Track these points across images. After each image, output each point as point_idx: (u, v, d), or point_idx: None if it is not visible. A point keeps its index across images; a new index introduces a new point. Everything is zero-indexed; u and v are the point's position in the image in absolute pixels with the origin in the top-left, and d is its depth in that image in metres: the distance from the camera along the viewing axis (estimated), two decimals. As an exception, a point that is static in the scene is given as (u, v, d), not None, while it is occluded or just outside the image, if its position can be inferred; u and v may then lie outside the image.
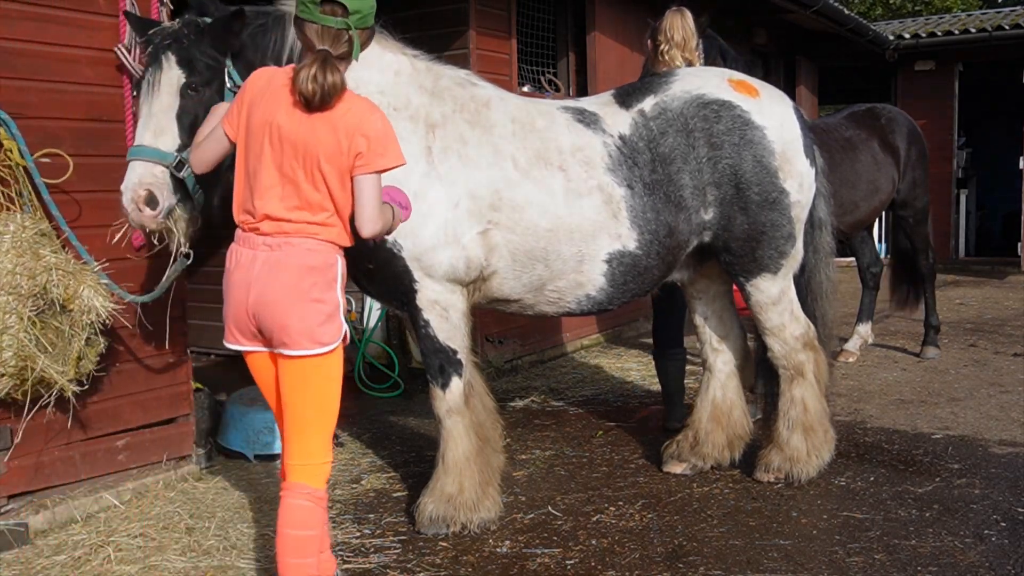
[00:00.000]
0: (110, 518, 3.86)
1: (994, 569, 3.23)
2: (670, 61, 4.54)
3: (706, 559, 3.38)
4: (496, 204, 3.56)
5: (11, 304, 3.38)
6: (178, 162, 3.11)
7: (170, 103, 3.15)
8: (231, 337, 2.80)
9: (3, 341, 3.37)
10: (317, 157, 2.68)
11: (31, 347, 3.42)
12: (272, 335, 2.71)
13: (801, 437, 4.04)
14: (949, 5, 21.55)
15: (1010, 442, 4.69)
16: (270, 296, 2.68)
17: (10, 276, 3.39)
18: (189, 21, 3.30)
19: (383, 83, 3.53)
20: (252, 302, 2.70)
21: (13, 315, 3.38)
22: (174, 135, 3.14)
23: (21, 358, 3.41)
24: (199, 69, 3.17)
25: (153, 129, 3.13)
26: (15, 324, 3.38)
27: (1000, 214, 14.66)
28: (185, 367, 4.40)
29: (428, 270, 3.52)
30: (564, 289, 3.75)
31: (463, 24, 6.51)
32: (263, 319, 2.70)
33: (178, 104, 3.17)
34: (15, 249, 3.43)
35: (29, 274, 3.42)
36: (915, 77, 13.16)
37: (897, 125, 6.64)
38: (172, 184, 3.12)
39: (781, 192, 3.83)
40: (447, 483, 3.64)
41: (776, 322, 4.01)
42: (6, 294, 3.38)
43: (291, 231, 2.71)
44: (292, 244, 2.70)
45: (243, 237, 2.77)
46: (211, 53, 3.21)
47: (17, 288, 3.40)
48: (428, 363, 3.66)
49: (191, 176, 3.12)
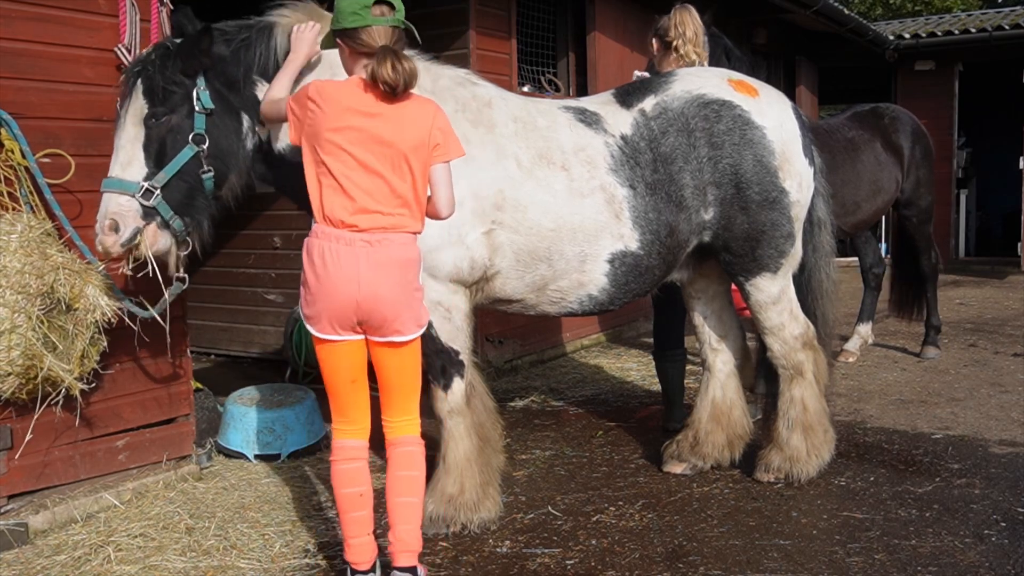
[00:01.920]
0: (110, 518, 3.86)
1: (994, 569, 3.23)
2: (685, 56, 4.53)
3: (706, 559, 3.38)
4: (500, 204, 3.55)
5: (20, 303, 3.41)
6: (144, 191, 3.21)
7: (136, 134, 3.26)
8: (327, 329, 2.97)
9: (12, 340, 3.39)
10: (404, 151, 2.92)
11: (38, 346, 3.45)
12: (383, 326, 2.97)
13: (801, 437, 4.05)
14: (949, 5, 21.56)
15: (1010, 442, 4.69)
16: (384, 293, 2.92)
17: (19, 275, 3.42)
18: (159, 45, 3.38)
19: None
20: (363, 297, 2.90)
21: (22, 314, 3.41)
22: (141, 164, 3.25)
23: (28, 357, 3.44)
24: (161, 98, 3.25)
25: (121, 161, 3.25)
26: (23, 323, 3.41)
27: (1000, 214, 14.67)
28: (185, 367, 4.41)
29: (432, 271, 3.52)
30: (566, 289, 3.75)
31: (463, 24, 6.51)
32: (375, 313, 2.94)
33: (143, 134, 3.27)
34: (23, 248, 3.46)
35: (37, 273, 3.46)
36: (915, 77, 13.16)
37: (901, 124, 6.61)
38: (142, 211, 3.24)
39: (781, 192, 3.83)
40: (448, 483, 3.64)
41: (776, 321, 4.01)
42: (15, 293, 3.40)
43: (387, 225, 2.93)
44: (391, 240, 2.94)
45: (334, 234, 2.90)
46: (176, 78, 3.27)
47: (26, 287, 3.43)
48: (430, 364, 3.65)
49: (162, 203, 3.24)
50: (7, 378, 3.44)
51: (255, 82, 3.44)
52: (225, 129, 3.37)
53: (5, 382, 3.44)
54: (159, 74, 3.25)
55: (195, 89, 3.29)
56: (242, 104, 3.43)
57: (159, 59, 3.28)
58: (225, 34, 3.43)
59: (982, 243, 14.61)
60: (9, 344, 3.39)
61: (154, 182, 3.22)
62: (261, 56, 3.42)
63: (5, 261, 3.41)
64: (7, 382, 3.45)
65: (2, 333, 3.38)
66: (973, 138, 14.14)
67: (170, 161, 3.25)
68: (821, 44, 12.13)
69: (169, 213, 3.27)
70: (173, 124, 3.26)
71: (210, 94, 3.31)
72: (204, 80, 3.32)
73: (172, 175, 3.25)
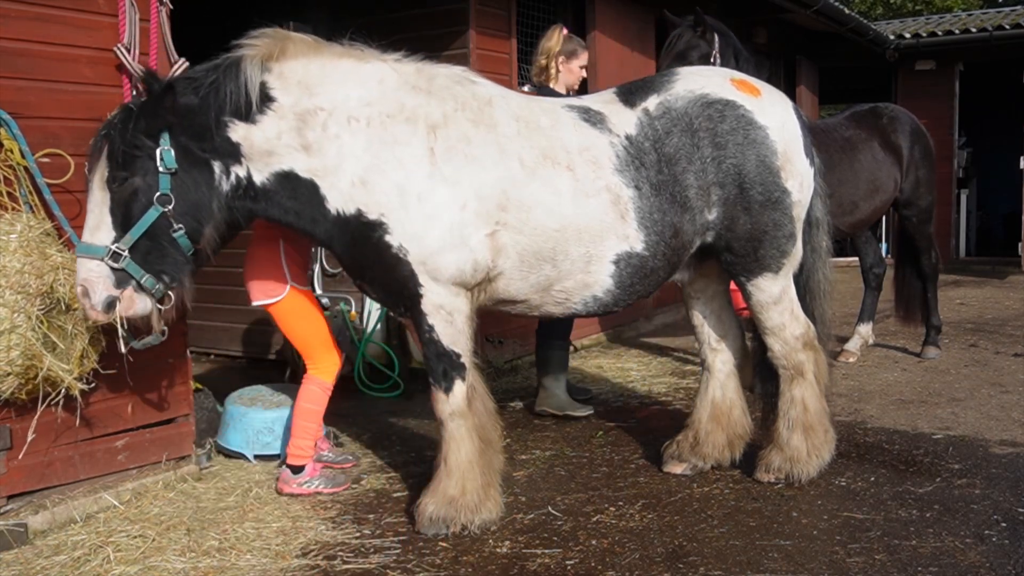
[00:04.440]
0: (110, 518, 3.86)
1: (995, 569, 3.22)
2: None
3: (706, 559, 3.38)
4: (504, 204, 3.54)
5: (20, 303, 3.41)
6: (112, 254, 3.28)
7: (102, 197, 3.34)
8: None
9: (11, 340, 3.39)
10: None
11: (38, 346, 3.45)
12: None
13: (801, 437, 4.04)
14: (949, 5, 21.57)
15: (1011, 442, 4.68)
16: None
17: (18, 275, 3.43)
18: (124, 107, 3.44)
19: (367, 95, 3.53)
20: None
21: (21, 314, 3.42)
22: (108, 228, 3.32)
23: (28, 357, 3.44)
24: (121, 162, 3.31)
25: (90, 225, 3.33)
26: (23, 323, 3.41)
27: (1000, 214, 14.67)
28: (185, 367, 4.40)
29: (434, 273, 3.51)
30: (571, 290, 3.74)
31: (463, 24, 6.51)
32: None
33: (109, 198, 3.33)
34: (23, 248, 3.47)
35: (37, 273, 3.47)
36: (915, 77, 13.16)
37: (900, 124, 6.58)
38: (112, 275, 3.31)
39: (783, 192, 3.83)
40: (449, 485, 3.64)
41: (776, 321, 4.01)
42: (15, 293, 3.41)
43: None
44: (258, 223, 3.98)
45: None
46: (136, 141, 3.32)
47: (25, 287, 3.44)
48: (431, 367, 3.65)
49: (131, 264, 3.30)
50: (6, 378, 3.44)
51: (227, 124, 3.45)
52: (194, 184, 3.42)
53: (4, 382, 3.44)
54: (120, 138, 3.31)
55: (158, 149, 3.34)
56: (214, 151, 3.46)
57: (121, 122, 3.34)
58: (193, 81, 3.46)
59: (983, 243, 14.62)
60: (9, 344, 3.39)
61: (121, 245, 3.30)
62: (231, 96, 3.43)
63: (4, 261, 3.41)
64: (6, 382, 3.45)
65: (2, 333, 3.38)
66: (973, 138, 14.14)
67: (135, 223, 3.32)
68: (821, 44, 12.13)
69: (141, 274, 3.34)
70: (136, 186, 3.33)
71: (175, 153, 3.36)
72: (169, 138, 3.37)
73: (138, 237, 3.32)
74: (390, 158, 3.46)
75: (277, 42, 3.51)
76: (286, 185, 3.52)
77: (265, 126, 3.46)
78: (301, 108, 3.47)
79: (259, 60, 3.46)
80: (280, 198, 3.54)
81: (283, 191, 3.53)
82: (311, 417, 4.20)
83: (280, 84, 3.48)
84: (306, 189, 3.51)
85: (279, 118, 3.47)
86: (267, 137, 3.47)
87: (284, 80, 3.49)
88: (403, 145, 3.47)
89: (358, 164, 3.46)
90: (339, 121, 3.47)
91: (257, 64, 3.46)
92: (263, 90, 3.46)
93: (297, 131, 3.47)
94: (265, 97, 3.46)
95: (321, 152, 3.47)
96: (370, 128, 3.48)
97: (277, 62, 3.49)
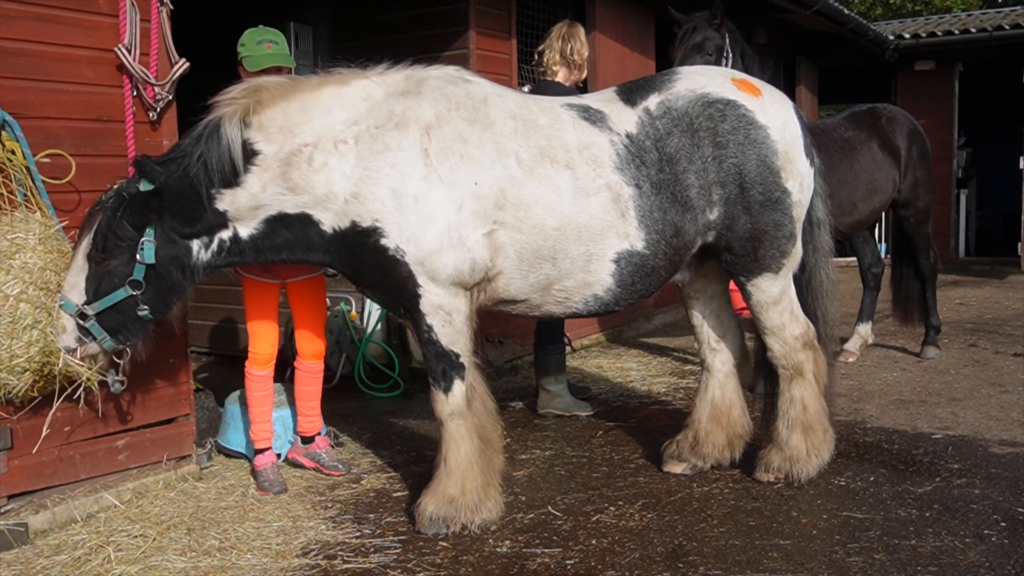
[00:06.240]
0: (110, 518, 3.86)
1: (994, 569, 3.23)
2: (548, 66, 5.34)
3: (706, 559, 3.38)
4: (501, 203, 3.53)
5: (41, 299, 3.45)
6: (80, 313, 3.42)
7: (82, 265, 3.46)
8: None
9: (32, 336, 3.41)
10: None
11: (55, 342, 3.45)
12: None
13: (801, 437, 4.04)
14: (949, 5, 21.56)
15: (1010, 442, 4.69)
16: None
17: (41, 272, 3.46)
18: (119, 189, 3.50)
19: (353, 115, 3.54)
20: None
21: (43, 310, 3.43)
22: (80, 291, 3.45)
23: (46, 354, 3.45)
24: (102, 245, 3.42)
25: (68, 282, 3.47)
26: (44, 319, 3.43)
27: (1000, 214, 14.67)
28: (185, 367, 4.41)
29: (432, 274, 3.51)
30: (571, 289, 3.74)
31: (463, 24, 6.51)
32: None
33: (87, 268, 3.46)
34: (43, 245, 3.49)
35: (56, 270, 3.51)
36: (915, 77, 13.16)
37: (898, 125, 6.59)
38: (77, 330, 3.46)
39: (784, 192, 3.83)
40: (449, 485, 3.64)
41: (776, 321, 4.01)
42: (37, 289, 3.44)
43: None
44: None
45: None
46: (120, 232, 3.42)
47: (47, 284, 3.48)
48: (431, 367, 3.65)
49: (95, 325, 3.44)
50: (23, 374, 3.45)
51: (215, 198, 3.49)
52: (168, 273, 3.50)
53: (21, 378, 3.45)
54: (106, 223, 3.41)
55: (141, 240, 3.43)
56: (201, 231, 3.53)
57: (111, 208, 3.43)
58: (183, 161, 3.47)
59: (982, 243, 14.61)
60: (30, 340, 3.41)
61: (89, 309, 3.43)
62: (217, 164, 3.46)
63: (26, 258, 3.44)
64: (23, 378, 3.46)
65: (25, 329, 3.39)
66: (973, 138, 14.14)
67: (103, 297, 3.43)
68: (821, 44, 12.13)
69: (102, 335, 3.48)
70: (111, 268, 3.44)
71: (156, 246, 3.44)
72: (153, 231, 3.45)
73: (104, 308, 3.44)
74: (382, 165, 3.46)
75: (251, 94, 3.51)
76: (276, 226, 3.59)
77: (250, 184, 3.50)
78: (285, 152, 3.49)
79: (238, 118, 3.47)
80: (270, 240, 3.61)
81: (274, 231, 3.60)
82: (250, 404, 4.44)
83: (262, 136, 3.50)
84: (298, 222, 3.57)
85: (263, 171, 3.49)
86: (252, 194, 3.51)
87: (265, 131, 3.50)
88: (395, 150, 3.47)
89: (349, 182, 3.48)
90: (325, 150, 3.49)
91: (237, 123, 3.46)
92: (246, 148, 3.48)
93: (282, 176, 3.49)
94: (249, 154, 3.49)
95: (309, 188, 3.50)
96: (359, 144, 3.50)
97: (256, 114, 3.49)
